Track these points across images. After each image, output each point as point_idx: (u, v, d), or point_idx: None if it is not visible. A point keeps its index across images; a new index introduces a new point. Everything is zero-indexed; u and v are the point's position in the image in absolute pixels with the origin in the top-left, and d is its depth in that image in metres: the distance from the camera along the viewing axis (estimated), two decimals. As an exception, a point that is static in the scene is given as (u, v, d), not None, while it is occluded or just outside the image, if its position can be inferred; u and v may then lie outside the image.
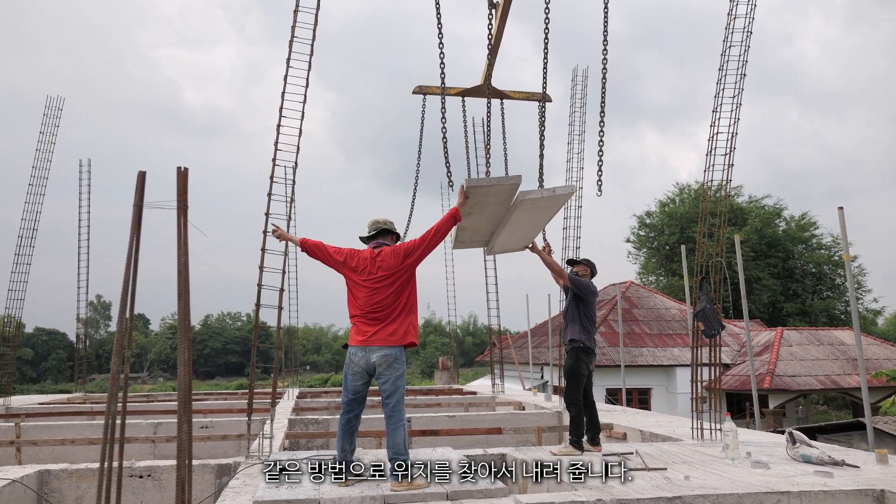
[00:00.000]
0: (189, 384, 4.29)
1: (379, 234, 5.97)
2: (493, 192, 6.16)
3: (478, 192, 6.03)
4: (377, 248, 5.84)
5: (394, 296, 5.66)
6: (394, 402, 5.50)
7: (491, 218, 6.91)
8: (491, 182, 6.01)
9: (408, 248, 5.73)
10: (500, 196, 6.33)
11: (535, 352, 23.42)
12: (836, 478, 5.62)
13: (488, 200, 6.31)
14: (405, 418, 5.57)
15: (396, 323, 5.61)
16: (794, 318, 38.30)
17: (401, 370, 5.56)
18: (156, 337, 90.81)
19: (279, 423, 10.08)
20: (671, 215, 42.57)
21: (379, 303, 5.67)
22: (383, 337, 5.58)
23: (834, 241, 41.04)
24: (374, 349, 5.58)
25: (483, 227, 7.23)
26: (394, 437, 5.46)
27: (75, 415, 12.67)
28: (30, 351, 75.35)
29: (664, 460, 6.67)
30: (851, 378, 23.10)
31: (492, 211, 6.69)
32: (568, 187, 6.61)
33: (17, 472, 6.65)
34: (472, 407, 14.25)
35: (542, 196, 6.34)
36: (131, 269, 4.23)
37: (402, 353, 5.61)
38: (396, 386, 5.52)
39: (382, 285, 5.67)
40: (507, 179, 6.08)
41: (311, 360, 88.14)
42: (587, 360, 7.45)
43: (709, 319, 8.17)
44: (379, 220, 6.05)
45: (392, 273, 5.68)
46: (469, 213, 6.33)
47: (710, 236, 9.23)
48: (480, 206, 6.33)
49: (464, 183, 5.93)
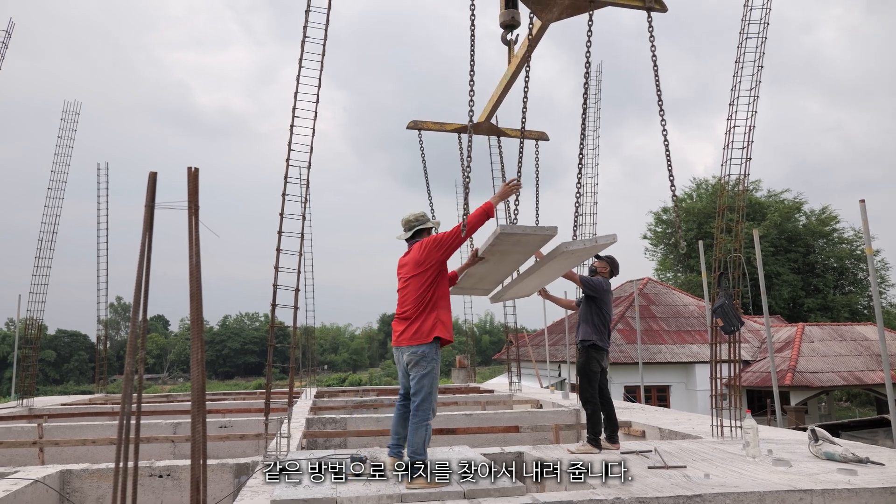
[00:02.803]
0: (203, 384, 4.29)
1: (415, 235, 5.92)
2: (522, 241, 5.82)
3: (508, 241, 5.69)
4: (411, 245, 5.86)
5: (419, 291, 5.58)
6: (418, 400, 5.45)
7: (505, 267, 6.68)
8: (525, 231, 5.62)
9: (435, 241, 5.63)
10: (529, 246, 6.03)
11: (552, 349, 23.35)
12: (860, 476, 5.53)
13: (514, 249, 5.99)
14: (430, 418, 5.47)
15: (420, 320, 5.54)
16: (816, 314, 37.91)
17: (428, 368, 5.47)
18: (175, 338, 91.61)
19: (297, 423, 10.10)
20: (688, 211, 42.29)
21: (405, 299, 5.67)
22: (409, 336, 5.55)
23: (856, 235, 40.54)
24: (403, 349, 5.60)
25: (492, 276, 6.98)
26: (413, 436, 5.43)
27: (96, 415, 12.78)
28: (52, 353, 76.28)
29: (683, 458, 6.61)
30: (875, 374, 22.81)
31: (512, 260, 6.43)
32: (609, 237, 6.10)
33: (39, 472, 6.72)
34: (489, 405, 14.23)
35: (583, 247, 5.98)
36: (144, 270, 4.24)
37: (430, 349, 5.49)
38: (421, 385, 5.46)
39: (410, 282, 5.65)
40: (543, 230, 5.67)
41: (328, 360, 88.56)
42: (598, 358, 7.39)
43: (728, 315, 8.08)
44: (410, 218, 5.96)
45: (417, 267, 5.63)
46: (485, 260, 6.10)
47: (729, 231, 9.14)
48: (502, 253, 6.03)
49: (498, 228, 5.58)
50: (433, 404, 5.50)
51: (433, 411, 5.51)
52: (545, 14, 6.13)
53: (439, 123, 8.33)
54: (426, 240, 5.72)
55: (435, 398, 5.54)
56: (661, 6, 6.06)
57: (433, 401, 5.49)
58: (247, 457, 7.88)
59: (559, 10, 6.06)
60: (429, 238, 5.74)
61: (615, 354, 23.51)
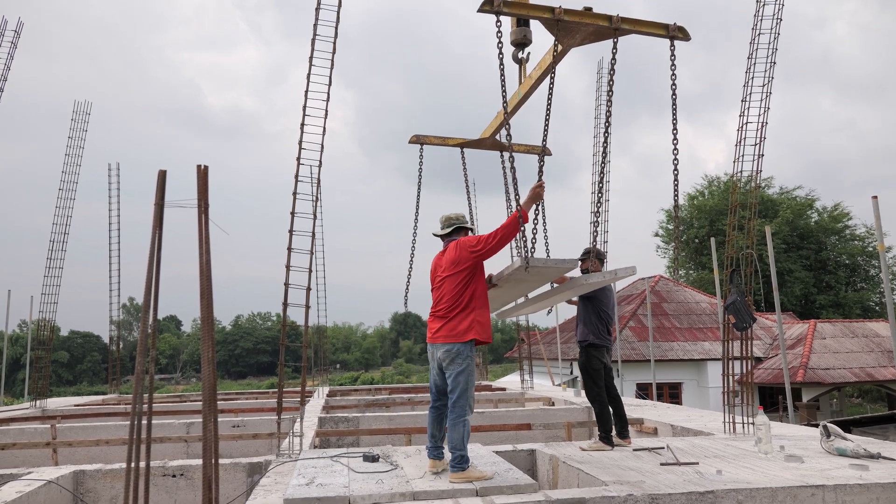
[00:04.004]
0: (213, 382, 4.31)
1: (453, 233, 5.94)
2: (542, 273, 5.88)
3: (529, 272, 5.69)
4: (447, 244, 5.88)
5: (454, 290, 5.59)
6: (454, 397, 5.48)
7: (517, 292, 6.74)
8: (547, 264, 5.72)
9: (470, 242, 5.65)
10: (547, 276, 6.12)
11: (564, 347, 23.31)
12: (871, 471, 5.51)
13: (531, 278, 6.02)
14: (467, 414, 5.50)
15: (457, 319, 5.55)
16: (828, 311, 37.72)
17: (464, 365, 5.49)
18: (188, 338, 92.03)
19: (310, 422, 10.13)
20: (700, 208, 42.16)
21: (441, 298, 5.70)
22: (444, 333, 5.57)
23: (868, 232, 40.29)
24: (439, 346, 5.62)
25: (501, 299, 7.04)
26: (452, 432, 5.46)
27: (109, 416, 12.83)
28: (65, 354, 76.79)
29: (696, 454, 6.59)
30: (886, 370, 22.71)
31: (525, 287, 6.49)
32: (628, 269, 6.18)
33: (52, 472, 6.76)
34: (501, 403, 14.22)
35: (602, 280, 6.13)
36: (154, 268, 4.26)
37: (466, 348, 5.52)
38: (458, 382, 5.47)
39: (445, 281, 5.67)
40: (566, 263, 5.77)
41: (340, 359, 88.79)
42: (598, 355, 7.37)
43: (740, 312, 8.05)
44: (451, 216, 5.99)
45: (453, 267, 5.65)
46: (499, 286, 6.13)
47: (741, 229, 9.10)
48: (516, 280, 6.07)
49: (524, 261, 5.55)
50: (470, 401, 5.54)
51: (470, 407, 5.56)
52: (567, 40, 6.27)
53: (442, 138, 8.38)
54: (462, 239, 5.74)
55: (472, 395, 5.57)
56: (683, 35, 6.16)
57: (469, 397, 5.53)
58: (260, 456, 7.90)
59: (582, 36, 6.22)
60: (465, 238, 5.76)
61: (627, 352, 23.47)
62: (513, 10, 6.09)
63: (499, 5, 5.87)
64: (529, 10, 6.24)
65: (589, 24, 6.10)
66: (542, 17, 6.17)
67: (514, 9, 6.11)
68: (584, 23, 6.09)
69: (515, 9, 6.12)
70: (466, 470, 5.36)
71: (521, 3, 6.20)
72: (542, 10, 6.17)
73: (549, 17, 6.08)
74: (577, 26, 6.10)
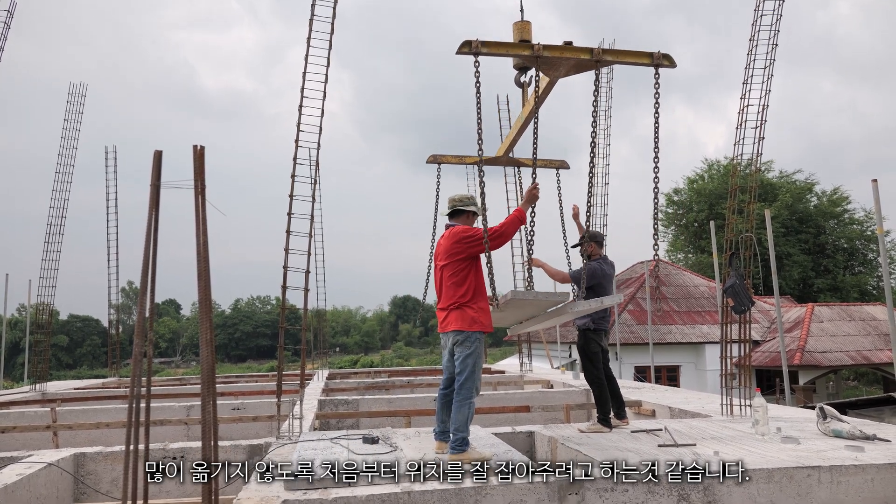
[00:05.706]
0: (212, 364, 4.31)
1: (452, 215, 5.94)
2: (533, 303, 6.19)
3: (520, 301, 6.03)
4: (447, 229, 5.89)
5: (453, 281, 5.64)
6: (462, 379, 5.54)
7: (521, 314, 6.93)
8: (537, 297, 6.01)
9: (461, 234, 5.67)
10: (540, 306, 6.34)
11: (563, 330, 23.35)
12: (867, 452, 5.54)
13: (527, 305, 6.31)
14: (473, 397, 5.58)
15: (461, 310, 5.60)
16: (825, 294, 37.82)
17: (472, 348, 5.56)
18: (188, 322, 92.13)
19: (309, 404, 10.16)
20: (699, 192, 42.16)
21: (440, 289, 5.79)
22: (451, 321, 5.63)
23: (867, 216, 40.32)
24: (449, 333, 5.68)
25: (508, 319, 7.31)
26: (457, 413, 5.52)
27: (110, 399, 12.86)
28: (65, 338, 76.88)
29: (693, 436, 6.63)
30: (883, 353, 22.80)
31: (525, 312, 6.75)
32: (615, 297, 6.74)
33: (53, 455, 6.77)
34: (500, 385, 14.26)
35: (589, 308, 6.34)
36: (151, 249, 4.25)
37: (473, 333, 5.60)
38: (465, 364, 5.53)
39: (444, 270, 5.72)
40: (553, 296, 6.06)
41: (340, 342, 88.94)
42: (596, 339, 7.45)
43: (739, 295, 8.06)
44: (456, 197, 5.97)
45: (447, 257, 5.69)
46: (501, 310, 6.28)
47: (740, 212, 9.09)
48: (515, 307, 6.29)
49: (509, 294, 5.92)
50: (476, 383, 5.60)
51: (476, 390, 5.62)
52: (552, 72, 6.41)
53: (459, 157, 8.66)
54: (456, 229, 5.74)
55: (478, 378, 5.64)
56: (669, 62, 6.28)
57: (476, 380, 5.59)
58: (260, 438, 7.93)
59: (566, 69, 6.33)
60: (458, 228, 5.75)
61: (625, 335, 23.53)
62: (491, 49, 6.07)
63: (476, 47, 5.88)
64: (508, 48, 6.29)
65: (570, 58, 6.15)
66: (521, 55, 6.26)
67: (493, 48, 6.09)
68: (564, 57, 6.15)
69: (494, 48, 6.11)
70: (466, 451, 5.42)
71: (500, 43, 6.19)
72: (522, 48, 6.27)
73: (529, 55, 6.16)
74: (559, 61, 6.18)
